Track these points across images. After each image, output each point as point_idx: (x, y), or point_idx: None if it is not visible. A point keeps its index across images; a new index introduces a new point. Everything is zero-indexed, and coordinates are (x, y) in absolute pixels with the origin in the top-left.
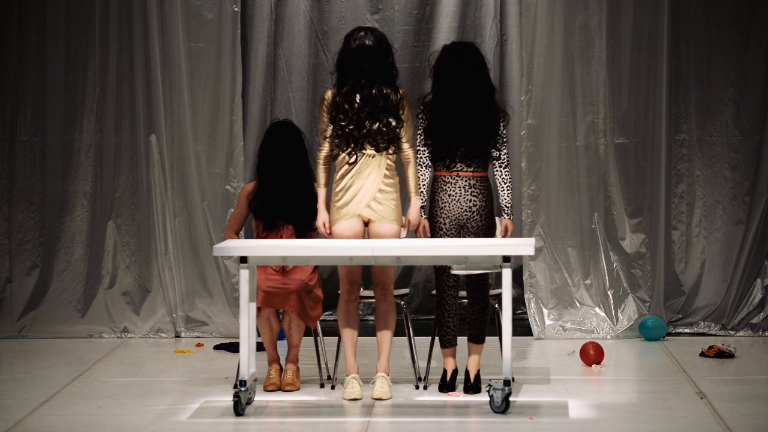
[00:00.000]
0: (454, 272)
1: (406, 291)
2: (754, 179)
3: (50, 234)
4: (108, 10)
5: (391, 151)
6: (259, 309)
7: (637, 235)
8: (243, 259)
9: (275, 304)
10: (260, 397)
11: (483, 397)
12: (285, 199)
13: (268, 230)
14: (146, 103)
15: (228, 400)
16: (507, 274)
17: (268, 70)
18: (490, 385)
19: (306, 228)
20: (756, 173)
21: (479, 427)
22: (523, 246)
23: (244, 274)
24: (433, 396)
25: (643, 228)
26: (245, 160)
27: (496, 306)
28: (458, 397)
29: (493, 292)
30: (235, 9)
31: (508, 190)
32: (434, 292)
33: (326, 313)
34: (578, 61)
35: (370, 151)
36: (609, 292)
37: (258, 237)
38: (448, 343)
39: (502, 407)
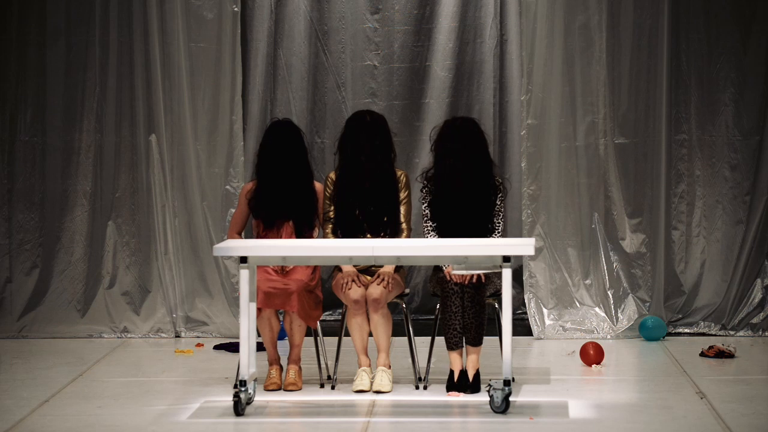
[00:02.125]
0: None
1: (406, 291)
2: (754, 179)
3: (50, 234)
4: (108, 10)
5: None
6: (259, 310)
7: (637, 235)
8: (243, 259)
9: (276, 305)
10: (260, 397)
11: (483, 397)
12: (284, 199)
13: (268, 229)
14: (146, 103)
15: (228, 400)
16: (507, 274)
17: (268, 70)
18: (490, 385)
19: (305, 227)
20: (756, 173)
21: (479, 427)
22: (523, 246)
23: (244, 274)
24: (433, 396)
25: (643, 228)
26: (245, 160)
27: (496, 306)
28: (458, 396)
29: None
30: (235, 9)
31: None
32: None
33: (326, 313)
34: (578, 61)
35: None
36: (609, 292)
37: (258, 237)
38: (455, 345)
39: (502, 407)
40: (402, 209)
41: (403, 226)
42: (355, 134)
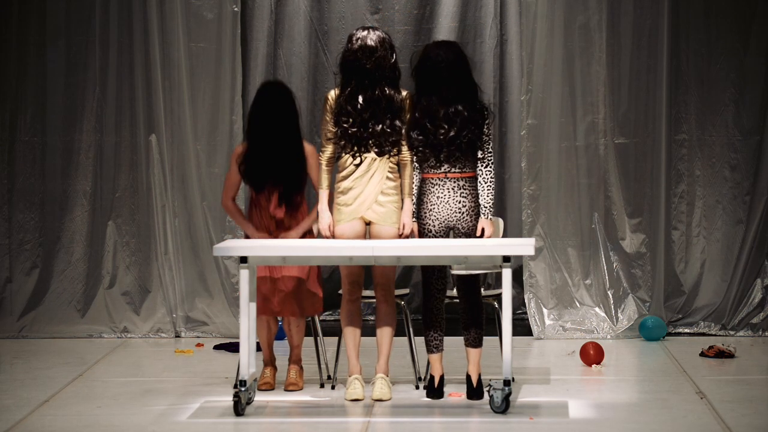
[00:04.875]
0: (454, 272)
1: (406, 291)
2: (754, 179)
3: (50, 234)
4: (108, 10)
5: (393, 152)
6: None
7: (637, 235)
8: (243, 259)
9: (275, 312)
10: (260, 397)
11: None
12: (273, 163)
13: (258, 193)
14: (146, 103)
15: (228, 400)
16: (507, 274)
17: (268, 70)
18: (490, 385)
19: (294, 191)
20: (756, 173)
21: (479, 427)
22: (523, 246)
23: (244, 274)
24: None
25: (643, 228)
26: None
27: (496, 306)
28: (459, 396)
29: (493, 292)
30: (235, 9)
31: (488, 190)
32: None
33: (326, 313)
34: (578, 61)
35: (373, 154)
36: (609, 292)
37: (250, 199)
38: (435, 349)
39: (502, 407)
40: (406, 127)
41: (405, 147)
42: (360, 56)
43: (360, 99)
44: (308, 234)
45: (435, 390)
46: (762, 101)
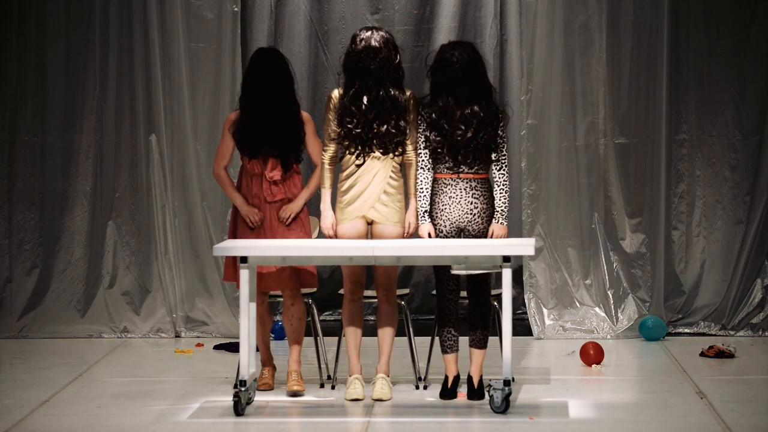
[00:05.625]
0: (454, 272)
1: (406, 291)
2: (754, 179)
3: (50, 234)
4: (108, 10)
5: (398, 152)
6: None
7: (637, 235)
8: (243, 259)
9: (271, 286)
10: (260, 397)
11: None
12: (269, 130)
13: (252, 159)
14: (146, 103)
15: (228, 400)
16: (507, 274)
17: None
18: (490, 385)
19: (290, 156)
20: (756, 173)
21: (479, 427)
22: (523, 246)
23: (244, 274)
24: (433, 396)
25: (643, 228)
26: None
27: (496, 305)
28: (460, 396)
29: (493, 292)
30: (235, 9)
31: (501, 193)
32: (434, 292)
33: (326, 312)
34: (578, 61)
35: (377, 153)
36: (609, 292)
37: (244, 167)
38: (449, 349)
39: (502, 407)
40: (410, 127)
41: (410, 147)
42: (364, 56)
43: (365, 100)
44: (295, 163)
45: (448, 391)
46: (762, 101)
